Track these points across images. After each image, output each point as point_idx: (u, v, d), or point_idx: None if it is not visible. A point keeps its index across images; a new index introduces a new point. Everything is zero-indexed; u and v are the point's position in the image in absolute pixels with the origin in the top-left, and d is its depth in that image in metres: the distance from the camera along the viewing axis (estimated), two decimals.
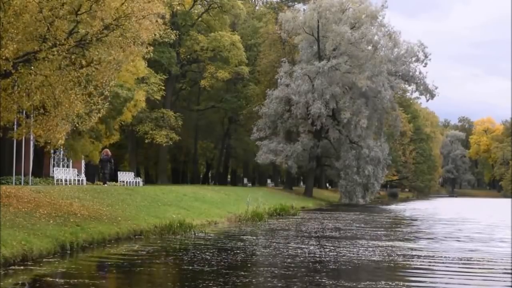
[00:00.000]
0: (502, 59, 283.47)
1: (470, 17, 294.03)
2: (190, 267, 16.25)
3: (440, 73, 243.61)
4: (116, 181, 44.10)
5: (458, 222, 39.16)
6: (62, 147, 37.90)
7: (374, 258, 18.64)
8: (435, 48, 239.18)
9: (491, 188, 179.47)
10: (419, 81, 68.71)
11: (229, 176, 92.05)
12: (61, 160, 43.31)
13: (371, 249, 20.99)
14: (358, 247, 21.54)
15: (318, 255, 18.99)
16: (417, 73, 68.63)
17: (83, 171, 45.23)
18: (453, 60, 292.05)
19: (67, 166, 42.79)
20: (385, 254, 19.69)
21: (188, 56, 65.30)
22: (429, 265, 17.75)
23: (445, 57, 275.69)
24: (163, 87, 56.52)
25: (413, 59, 68.33)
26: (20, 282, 13.96)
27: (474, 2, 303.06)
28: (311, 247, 21.17)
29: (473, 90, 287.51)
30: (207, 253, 18.90)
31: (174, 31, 54.56)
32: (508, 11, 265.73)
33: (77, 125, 23.56)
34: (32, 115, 22.78)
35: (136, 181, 46.10)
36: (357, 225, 33.19)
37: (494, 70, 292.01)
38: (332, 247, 21.17)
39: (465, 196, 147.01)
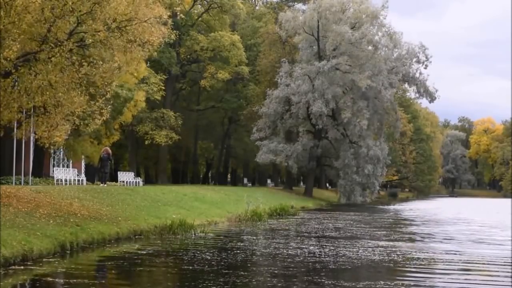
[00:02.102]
0: (501, 59, 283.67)
1: (467, 17, 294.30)
2: (190, 267, 16.26)
3: (438, 73, 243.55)
4: (116, 181, 44.11)
5: (458, 223, 39.17)
6: (62, 147, 37.96)
7: (374, 258, 18.64)
8: (433, 47, 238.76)
9: (491, 188, 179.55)
10: (419, 82, 68.71)
11: (229, 176, 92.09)
12: (61, 160, 43.34)
13: (370, 249, 21.00)
14: (358, 247, 21.54)
15: (318, 255, 18.99)
16: (417, 74, 68.68)
17: (83, 171, 45.26)
18: (451, 60, 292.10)
19: (67, 166, 42.82)
20: (385, 254, 19.69)
21: (188, 56, 65.35)
22: (429, 265, 17.76)
23: (443, 57, 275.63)
24: (163, 87, 56.57)
25: (414, 60, 68.35)
26: (20, 282, 13.97)
27: (470, 1, 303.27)
28: (311, 247, 21.17)
29: (472, 90, 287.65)
30: (207, 253, 18.91)
31: (174, 31, 54.61)
32: (504, 10, 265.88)
33: (79, 126, 23.52)
34: (32, 115, 22.75)
35: (136, 181, 46.11)
36: (357, 225, 33.19)
37: (493, 70, 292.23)
38: (332, 247, 21.17)
39: (465, 196, 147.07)
